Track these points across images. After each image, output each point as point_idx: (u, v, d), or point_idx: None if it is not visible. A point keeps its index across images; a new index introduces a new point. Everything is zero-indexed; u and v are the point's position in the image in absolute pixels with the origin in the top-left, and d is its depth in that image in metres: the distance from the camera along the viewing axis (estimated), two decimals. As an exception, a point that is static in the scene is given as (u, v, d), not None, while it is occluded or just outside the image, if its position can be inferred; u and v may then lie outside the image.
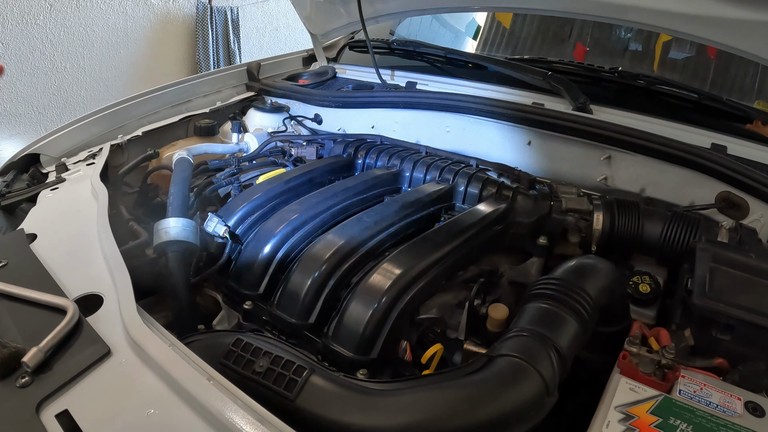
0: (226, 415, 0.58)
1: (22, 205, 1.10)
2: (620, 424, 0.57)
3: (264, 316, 0.82)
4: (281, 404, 0.63)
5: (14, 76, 3.05)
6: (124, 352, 0.69)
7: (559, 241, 1.03)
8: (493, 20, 2.07)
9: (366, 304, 0.75)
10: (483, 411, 0.60)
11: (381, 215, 0.92)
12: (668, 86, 1.39)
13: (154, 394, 0.63)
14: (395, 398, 0.62)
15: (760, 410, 0.59)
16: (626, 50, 1.81)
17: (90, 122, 1.34)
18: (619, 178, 1.21)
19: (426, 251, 0.82)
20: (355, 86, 1.65)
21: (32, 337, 0.67)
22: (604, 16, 1.30)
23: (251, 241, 0.91)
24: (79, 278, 0.81)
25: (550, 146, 1.28)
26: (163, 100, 1.50)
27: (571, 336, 0.71)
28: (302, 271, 0.81)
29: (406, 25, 2.12)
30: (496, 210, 0.97)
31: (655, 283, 0.90)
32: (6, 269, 0.82)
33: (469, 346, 0.79)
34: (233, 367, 0.68)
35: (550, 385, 0.64)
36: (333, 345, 0.75)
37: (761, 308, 0.71)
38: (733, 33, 1.13)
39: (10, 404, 0.61)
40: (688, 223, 0.95)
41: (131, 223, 1.01)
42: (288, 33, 4.67)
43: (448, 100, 1.37)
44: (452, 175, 1.11)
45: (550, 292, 0.75)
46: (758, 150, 1.19)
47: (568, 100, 1.34)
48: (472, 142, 1.36)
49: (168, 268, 0.80)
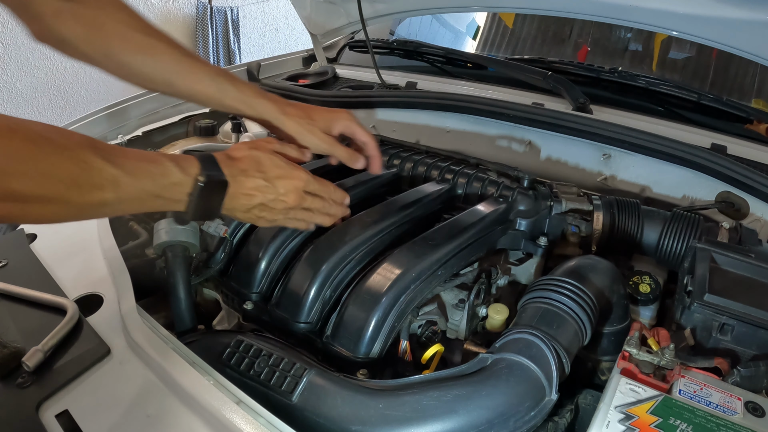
0: (226, 415, 0.58)
1: (22, 205, 1.10)
2: (620, 424, 0.57)
3: (264, 317, 0.83)
4: (281, 404, 0.63)
5: (14, 76, 3.05)
6: (124, 352, 0.69)
7: (559, 241, 1.03)
8: (493, 20, 2.07)
9: (366, 304, 0.75)
10: (483, 411, 0.60)
11: (381, 215, 0.92)
12: (668, 86, 1.39)
13: (154, 394, 0.63)
14: (395, 398, 0.62)
15: (760, 410, 0.59)
16: (626, 50, 1.81)
17: (90, 122, 1.34)
18: (619, 178, 1.22)
19: (426, 251, 0.82)
20: (355, 86, 1.65)
21: (32, 337, 0.67)
22: (605, 16, 1.30)
23: (252, 242, 0.91)
24: (79, 278, 0.81)
25: (550, 146, 1.29)
26: (163, 100, 1.50)
27: (571, 336, 0.71)
28: (302, 272, 0.81)
29: (406, 25, 2.12)
30: (496, 210, 0.97)
31: (655, 283, 0.90)
32: (6, 269, 0.82)
33: (469, 346, 0.79)
34: (233, 367, 0.68)
35: (551, 385, 0.64)
36: (333, 345, 0.75)
37: (761, 308, 0.71)
38: (733, 33, 1.13)
39: (10, 404, 0.61)
40: (688, 223, 0.95)
41: (131, 223, 1.01)
42: (288, 33, 4.67)
43: (448, 100, 1.37)
44: (452, 175, 1.11)
45: (550, 291, 0.76)
46: (758, 150, 1.19)
47: (568, 100, 1.34)
48: (472, 142, 1.36)
49: (168, 268, 0.80)
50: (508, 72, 1.52)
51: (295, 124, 0.90)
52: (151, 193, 0.64)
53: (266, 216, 0.77)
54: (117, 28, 0.80)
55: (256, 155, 0.75)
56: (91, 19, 0.79)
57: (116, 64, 0.83)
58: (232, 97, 0.88)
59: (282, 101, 0.91)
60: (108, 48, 0.81)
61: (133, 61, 0.82)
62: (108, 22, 0.80)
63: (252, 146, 0.78)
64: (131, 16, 0.82)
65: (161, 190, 0.65)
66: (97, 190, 0.58)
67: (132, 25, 0.81)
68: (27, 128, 0.54)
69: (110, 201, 0.60)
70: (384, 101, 1.46)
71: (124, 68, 0.83)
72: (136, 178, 0.61)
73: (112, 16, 0.80)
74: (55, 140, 0.56)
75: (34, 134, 0.54)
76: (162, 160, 0.65)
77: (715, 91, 1.52)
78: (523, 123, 1.27)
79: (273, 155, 0.77)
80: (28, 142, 0.53)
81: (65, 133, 0.58)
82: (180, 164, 0.66)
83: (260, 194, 0.74)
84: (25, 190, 0.53)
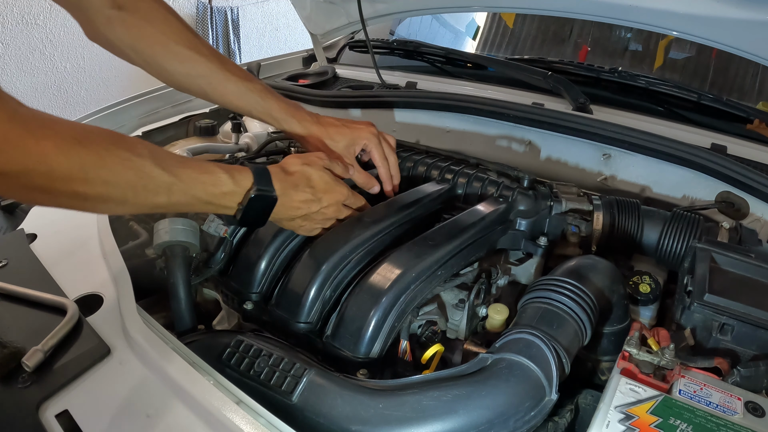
0: (226, 415, 0.58)
1: (22, 205, 1.10)
2: (620, 424, 0.57)
3: (264, 317, 0.83)
4: (281, 404, 0.63)
5: (14, 76, 3.05)
6: (124, 352, 0.69)
7: (559, 241, 1.03)
8: (494, 20, 2.07)
9: (366, 304, 0.75)
10: (483, 411, 0.60)
11: (381, 215, 0.92)
12: (668, 86, 1.39)
13: (154, 394, 0.63)
14: (395, 398, 0.62)
15: (760, 410, 0.59)
16: (626, 50, 1.81)
17: (90, 122, 1.34)
18: (619, 178, 1.22)
19: (426, 251, 0.82)
20: (355, 86, 1.65)
21: (32, 337, 0.67)
22: (605, 16, 1.30)
23: (252, 242, 0.91)
24: (79, 278, 0.81)
25: (550, 146, 1.29)
26: (163, 100, 1.50)
27: (571, 336, 0.71)
28: (302, 271, 0.81)
29: (406, 25, 2.12)
30: (496, 210, 0.97)
31: (655, 283, 0.90)
32: (6, 269, 0.82)
33: (469, 346, 0.79)
34: (233, 367, 0.68)
35: (551, 385, 0.64)
36: (333, 345, 0.75)
37: (761, 308, 0.71)
38: (733, 33, 1.13)
39: (10, 404, 0.61)
40: (688, 223, 0.95)
41: (131, 223, 1.01)
42: (288, 33, 4.67)
43: (448, 100, 1.37)
44: (452, 175, 1.11)
45: (550, 291, 0.76)
46: (758, 150, 1.19)
47: (568, 100, 1.34)
48: (472, 142, 1.36)
49: (168, 268, 0.80)
50: (508, 72, 1.52)
51: (314, 148, 0.98)
52: (201, 200, 0.71)
53: (306, 225, 0.85)
54: (160, 39, 0.89)
55: (307, 172, 0.83)
56: (138, 28, 0.88)
57: (156, 70, 0.92)
58: (259, 111, 0.97)
59: (307, 119, 0.99)
60: (150, 56, 0.90)
61: (172, 70, 0.92)
62: (154, 33, 0.89)
63: (305, 161, 0.85)
64: (176, 30, 0.91)
65: (212, 198, 0.72)
66: (152, 195, 0.65)
67: (174, 38, 0.90)
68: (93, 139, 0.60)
69: (163, 204, 0.67)
70: (384, 101, 1.46)
71: (163, 74, 0.93)
72: (189, 186, 0.69)
73: (157, 28, 0.89)
74: (118, 150, 0.62)
75: (99, 144, 0.61)
76: (216, 171, 0.72)
77: (715, 91, 1.52)
78: (523, 123, 1.27)
79: (323, 171, 0.85)
80: (92, 153, 0.59)
81: (128, 143, 0.64)
82: (234, 176, 0.73)
83: (306, 207, 0.82)
84: (88, 193, 0.60)
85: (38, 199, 0.61)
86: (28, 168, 0.54)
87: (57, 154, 0.56)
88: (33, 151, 0.54)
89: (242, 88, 0.95)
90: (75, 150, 0.58)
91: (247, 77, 0.96)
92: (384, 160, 1.02)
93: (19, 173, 0.54)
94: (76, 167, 0.58)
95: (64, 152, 0.57)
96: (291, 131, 1.00)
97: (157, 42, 0.89)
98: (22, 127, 0.54)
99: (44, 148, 0.55)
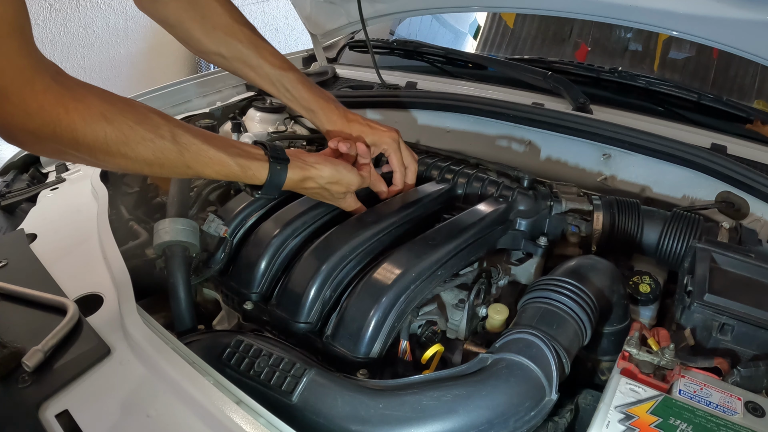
0: (226, 415, 0.58)
1: (22, 205, 1.10)
2: (620, 424, 0.57)
3: (264, 316, 0.83)
4: (281, 404, 0.63)
5: (14, 76, 3.04)
6: (124, 352, 0.69)
7: (559, 241, 1.03)
8: (494, 20, 2.07)
9: (366, 304, 0.75)
10: (483, 411, 0.60)
11: (381, 215, 0.92)
12: (668, 86, 1.39)
13: (154, 394, 0.63)
14: (395, 398, 0.62)
15: (760, 410, 0.59)
16: (626, 50, 1.81)
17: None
18: (619, 178, 1.22)
19: (426, 251, 0.82)
20: (355, 86, 1.65)
21: (32, 337, 0.67)
22: (605, 16, 1.30)
23: (251, 242, 0.91)
24: (79, 278, 0.81)
25: (550, 146, 1.29)
26: (163, 100, 1.50)
27: (571, 336, 0.71)
28: (302, 271, 0.81)
29: (406, 25, 2.12)
30: (496, 210, 0.97)
31: (655, 283, 0.90)
32: (6, 269, 0.82)
33: (469, 346, 0.79)
34: (233, 367, 0.68)
35: (551, 385, 0.64)
36: (333, 345, 0.75)
37: (761, 308, 0.71)
38: (733, 33, 1.13)
39: (10, 404, 0.61)
40: (688, 223, 0.95)
41: (131, 223, 1.01)
42: (288, 33, 4.67)
43: (448, 100, 1.37)
44: (452, 175, 1.11)
45: (550, 291, 0.76)
46: (758, 150, 1.19)
47: (568, 100, 1.34)
48: (472, 142, 1.36)
49: (168, 268, 0.80)
50: (508, 72, 1.52)
51: None
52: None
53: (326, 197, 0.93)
54: (201, 22, 0.96)
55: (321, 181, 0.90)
56: (183, 10, 0.95)
57: (196, 48, 1.00)
58: (288, 99, 1.03)
59: (335, 112, 1.03)
60: (191, 37, 0.97)
61: (209, 51, 0.99)
62: (194, 17, 0.95)
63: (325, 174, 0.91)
64: (217, 14, 0.96)
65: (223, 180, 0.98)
66: (167, 172, 0.74)
67: (212, 23, 0.96)
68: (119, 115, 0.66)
69: (191, 174, 0.76)
70: (384, 101, 1.46)
71: (203, 54, 1.01)
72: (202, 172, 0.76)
73: (198, 12, 0.95)
74: (141, 130, 0.68)
75: (123, 123, 0.66)
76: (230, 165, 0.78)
77: (715, 91, 1.52)
78: (523, 123, 1.27)
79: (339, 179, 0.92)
80: (116, 129, 0.65)
81: (153, 124, 0.70)
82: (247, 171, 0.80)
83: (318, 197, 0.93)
84: (108, 160, 0.67)
85: (66, 158, 0.68)
86: (57, 134, 0.61)
87: (83, 127, 0.62)
88: (63, 120, 0.60)
89: (274, 75, 0.99)
90: (100, 125, 0.63)
91: (282, 65, 1.00)
92: (401, 166, 1.04)
93: (49, 137, 0.61)
94: (100, 140, 0.64)
95: (90, 125, 0.62)
96: (317, 123, 1.04)
97: (197, 24, 0.95)
98: (56, 97, 0.60)
99: (72, 119, 0.61)
